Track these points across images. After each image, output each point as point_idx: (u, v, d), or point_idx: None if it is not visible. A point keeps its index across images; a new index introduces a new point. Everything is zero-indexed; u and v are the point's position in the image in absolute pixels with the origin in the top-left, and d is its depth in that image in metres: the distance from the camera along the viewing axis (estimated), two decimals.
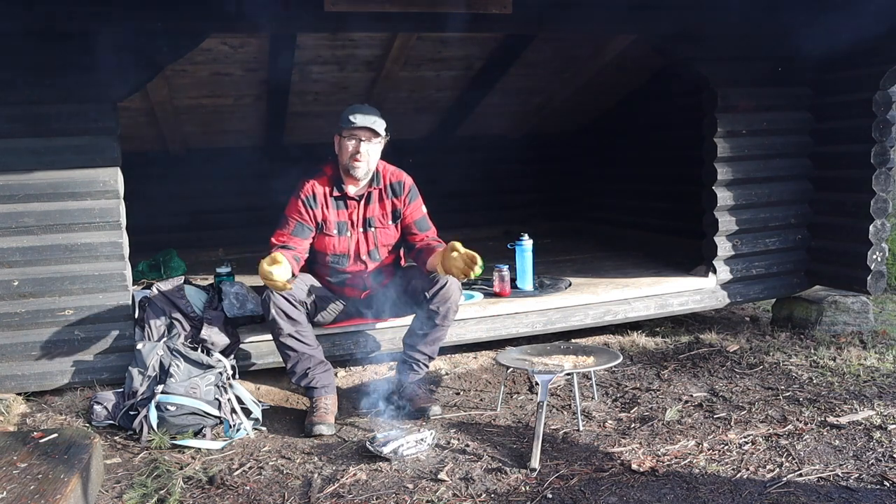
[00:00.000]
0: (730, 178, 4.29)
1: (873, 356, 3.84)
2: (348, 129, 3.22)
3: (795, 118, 4.43)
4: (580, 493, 2.50)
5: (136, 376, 3.14)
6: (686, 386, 3.55)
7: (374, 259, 3.40)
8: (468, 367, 3.91)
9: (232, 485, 2.64)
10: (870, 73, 4.06)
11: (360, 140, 3.20)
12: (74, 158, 3.31)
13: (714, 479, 2.58)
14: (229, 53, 4.25)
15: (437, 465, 2.75)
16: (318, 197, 3.28)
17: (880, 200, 4.12)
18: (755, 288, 4.48)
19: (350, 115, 3.22)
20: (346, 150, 3.23)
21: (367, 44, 4.44)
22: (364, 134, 3.20)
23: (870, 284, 4.19)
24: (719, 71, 4.21)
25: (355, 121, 3.20)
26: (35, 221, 3.31)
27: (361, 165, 3.23)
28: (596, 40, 4.87)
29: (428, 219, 3.43)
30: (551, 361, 3.22)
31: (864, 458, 2.72)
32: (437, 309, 3.25)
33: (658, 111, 5.78)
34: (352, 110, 3.25)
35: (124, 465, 2.84)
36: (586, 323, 4.07)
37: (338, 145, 3.29)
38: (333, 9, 3.53)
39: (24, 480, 2.25)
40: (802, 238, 4.54)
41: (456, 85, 5.39)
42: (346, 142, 3.23)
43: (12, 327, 3.34)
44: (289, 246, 3.21)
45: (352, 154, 3.21)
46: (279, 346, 3.20)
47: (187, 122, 5.30)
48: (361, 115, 3.21)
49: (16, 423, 3.19)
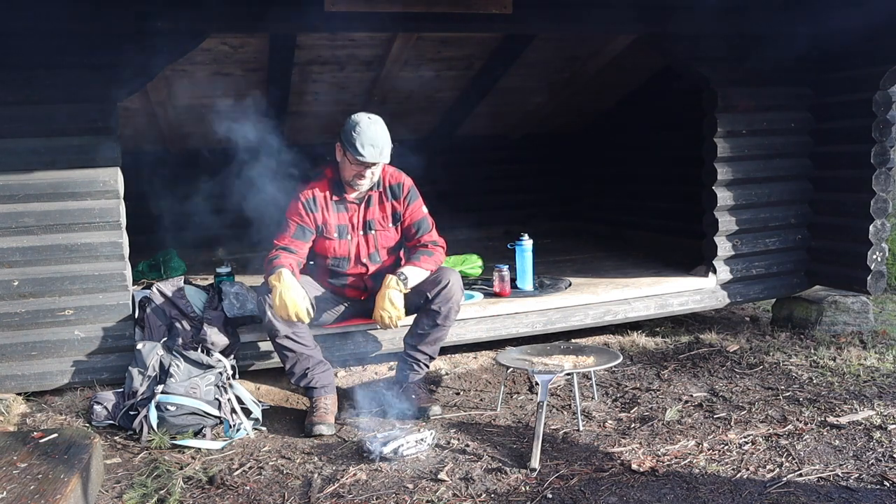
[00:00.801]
0: (730, 178, 4.29)
1: (873, 356, 3.84)
2: (355, 159, 3.11)
3: (795, 118, 4.43)
4: (580, 493, 2.50)
5: (136, 376, 3.14)
6: (686, 386, 3.55)
7: (374, 262, 3.40)
8: (468, 367, 3.91)
9: (232, 485, 2.64)
10: (870, 73, 4.06)
11: (367, 167, 3.17)
12: (74, 158, 3.32)
13: (714, 479, 2.58)
14: (229, 53, 4.24)
15: (437, 465, 2.75)
16: (319, 200, 3.27)
17: (880, 200, 4.12)
18: (755, 288, 4.48)
19: (359, 145, 3.07)
20: (350, 171, 3.18)
21: (367, 44, 4.44)
22: (372, 167, 3.17)
23: (870, 284, 4.19)
24: (719, 71, 4.21)
25: (365, 155, 3.07)
26: (35, 221, 3.31)
27: (364, 184, 3.23)
28: (596, 40, 4.87)
29: (428, 218, 3.42)
30: (551, 361, 3.22)
31: (864, 458, 2.72)
32: (438, 309, 3.25)
33: (658, 111, 5.78)
34: (361, 137, 3.07)
35: (124, 465, 2.84)
36: (586, 323, 4.07)
37: (340, 158, 3.22)
38: (333, 9, 3.53)
39: (24, 480, 2.26)
40: (802, 238, 4.54)
41: (456, 85, 5.39)
42: (351, 165, 3.16)
43: (12, 327, 3.34)
44: (290, 249, 3.21)
45: (356, 176, 3.19)
46: (276, 348, 3.20)
47: (187, 122, 5.29)
48: (371, 147, 3.07)
49: (16, 423, 3.19)
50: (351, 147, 3.09)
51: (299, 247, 3.24)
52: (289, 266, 3.12)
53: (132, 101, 4.32)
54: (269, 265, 3.16)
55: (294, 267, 3.16)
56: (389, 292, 3.13)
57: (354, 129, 3.09)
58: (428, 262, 3.28)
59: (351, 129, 3.10)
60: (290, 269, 3.12)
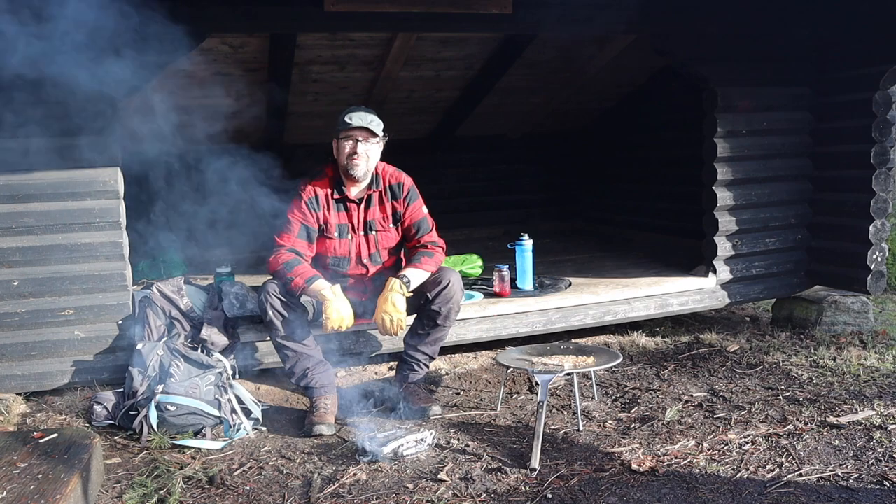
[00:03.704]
0: (730, 178, 4.29)
1: (873, 356, 3.84)
2: (345, 130, 3.20)
3: (795, 118, 4.43)
4: (580, 493, 2.50)
5: (136, 376, 3.14)
6: (686, 386, 3.55)
7: (374, 262, 3.39)
8: (468, 367, 3.91)
9: (232, 485, 2.64)
10: (870, 73, 4.06)
11: (357, 140, 3.19)
12: (74, 158, 3.31)
13: (714, 479, 2.58)
14: (229, 53, 4.25)
15: (437, 465, 2.75)
16: (321, 199, 3.27)
17: (880, 200, 4.12)
18: (755, 288, 4.48)
19: (346, 117, 3.21)
20: (344, 150, 3.22)
21: (367, 44, 4.44)
22: (361, 134, 3.19)
23: (870, 284, 4.19)
24: (719, 71, 4.21)
25: (351, 121, 3.19)
26: (35, 221, 3.31)
27: (360, 164, 3.21)
28: (596, 40, 4.87)
29: (428, 219, 3.42)
30: (551, 361, 3.22)
31: (864, 458, 2.72)
32: (438, 309, 3.25)
33: (658, 111, 5.78)
34: (348, 111, 3.24)
35: (124, 465, 2.84)
36: (586, 323, 4.07)
37: (336, 148, 3.27)
38: (333, 9, 3.53)
39: (24, 480, 2.26)
40: (802, 238, 4.54)
41: (456, 85, 5.39)
42: (343, 143, 3.22)
43: (12, 327, 3.34)
44: (296, 249, 3.20)
45: (349, 154, 3.20)
46: (277, 347, 3.20)
47: (187, 122, 5.29)
48: (358, 117, 3.20)
49: (16, 423, 3.19)
50: (340, 124, 3.23)
51: (304, 247, 3.23)
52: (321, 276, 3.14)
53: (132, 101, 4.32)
54: (288, 268, 3.11)
55: (310, 269, 3.17)
56: (392, 295, 3.13)
57: (343, 111, 3.27)
58: (428, 263, 3.28)
59: (340, 114, 3.26)
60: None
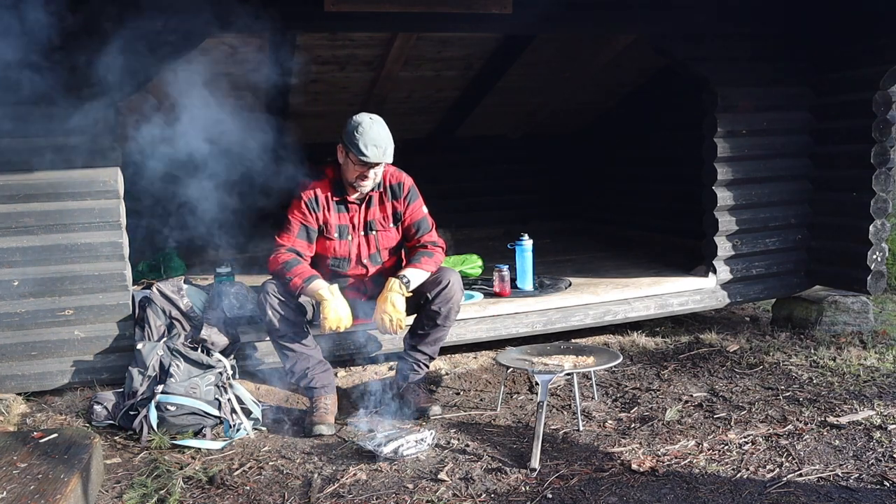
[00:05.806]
0: (730, 178, 4.29)
1: (873, 356, 3.84)
2: (358, 159, 3.07)
3: (795, 118, 4.43)
4: (580, 493, 2.50)
5: (136, 376, 3.14)
6: (686, 386, 3.55)
7: (375, 262, 3.39)
8: (468, 367, 3.91)
9: (232, 485, 2.64)
10: (870, 73, 4.06)
11: (370, 168, 3.13)
12: (74, 158, 3.31)
13: (714, 479, 2.58)
14: (229, 53, 4.24)
15: (437, 465, 2.75)
16: (321, 200, 3.25)
17: (880, 200, 4.12)
18: (755, 288, 4.48)
19: (362, 145, 3.02)
20: (353, 173, 3.14)
21: (367, 44, 4.44)
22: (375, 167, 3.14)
23: (870, 284, 4.19)
24: (719, 71, 4.21)
25: (368, 155, 3.03)
26: (35, 221, 3.31)
27: (368, 185, 3.20)
28: (596, 40, 4.87)
29: (428, 218, 3.41)
30: (551, 361, 3.22)
31: (864, 458, 2.72)
32: (438, 309, 3.25)
33: (658, 111, 5.78)
34: (364, 138, 3.03)
35: (124, 465, 2.84)
36: (586, 323, 4.07)
37: (342, 159, 3.18)
38: (333, 9, 3.53)
39: (24, 480, 2.26)
40: (802, 238, 4.54)
41: (456, 85, 5.39)
42: (354, 166, 3.12)
43: (12, 327, 3.34)
44: (296, 249, 3.20)
45: (359, 177, 3.16)
46: (276, 347, 3.20)
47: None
48: (374, 147, 3.03)
49: (16, 423, 3.19)
50: (354, 148, 3.05)
51: (304, 247, 3.23)
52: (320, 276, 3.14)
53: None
54: (287, 268, 3.12)
55: (310, 269, 3.17)
56: (392, 295, 3.12)
57: (356, 129, 3.06)
58: (428, 263, 3.28)
59: (353, 130, 3.06)
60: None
